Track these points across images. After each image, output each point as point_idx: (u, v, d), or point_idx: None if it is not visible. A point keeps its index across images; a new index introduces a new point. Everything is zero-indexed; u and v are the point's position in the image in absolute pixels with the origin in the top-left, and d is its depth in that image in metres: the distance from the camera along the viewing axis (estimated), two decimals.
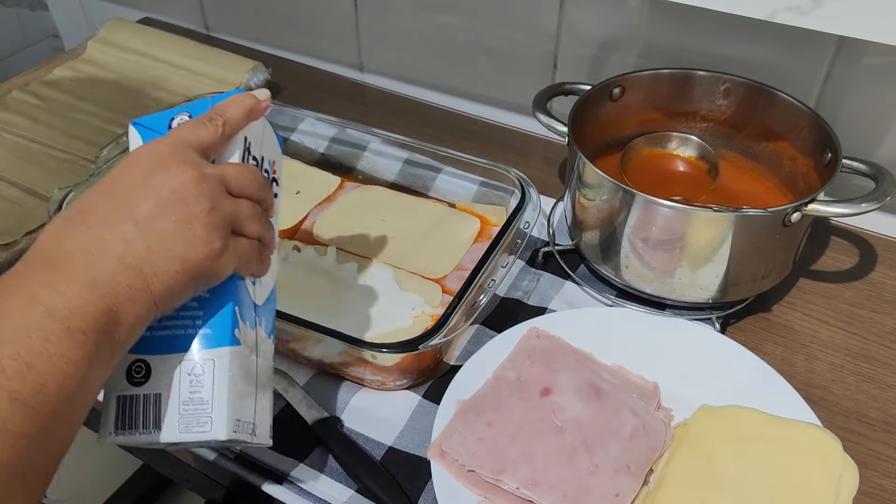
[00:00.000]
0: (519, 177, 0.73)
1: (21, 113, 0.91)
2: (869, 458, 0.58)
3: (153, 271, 0.38)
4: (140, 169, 0.40)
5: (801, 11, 0.56)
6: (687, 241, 0.61)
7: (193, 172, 0.40)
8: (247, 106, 0.46)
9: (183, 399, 0.42)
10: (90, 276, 0.36)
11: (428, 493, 0.55)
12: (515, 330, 0.64)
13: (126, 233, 0.38)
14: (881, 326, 0.68)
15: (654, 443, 0.55)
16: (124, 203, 0.39)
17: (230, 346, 0.43)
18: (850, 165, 0.63)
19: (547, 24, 0.85)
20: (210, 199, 0.40)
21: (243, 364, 0.44)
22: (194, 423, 0.41)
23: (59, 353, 0.33)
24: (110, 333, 0.36)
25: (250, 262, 0.45)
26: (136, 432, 0.42)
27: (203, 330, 0.43)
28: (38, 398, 0.32)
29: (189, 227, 0.39)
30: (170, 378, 0.42)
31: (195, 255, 0.39)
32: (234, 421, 0.43)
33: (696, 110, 0.75)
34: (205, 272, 0.40)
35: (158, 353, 0.42)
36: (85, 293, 0.35)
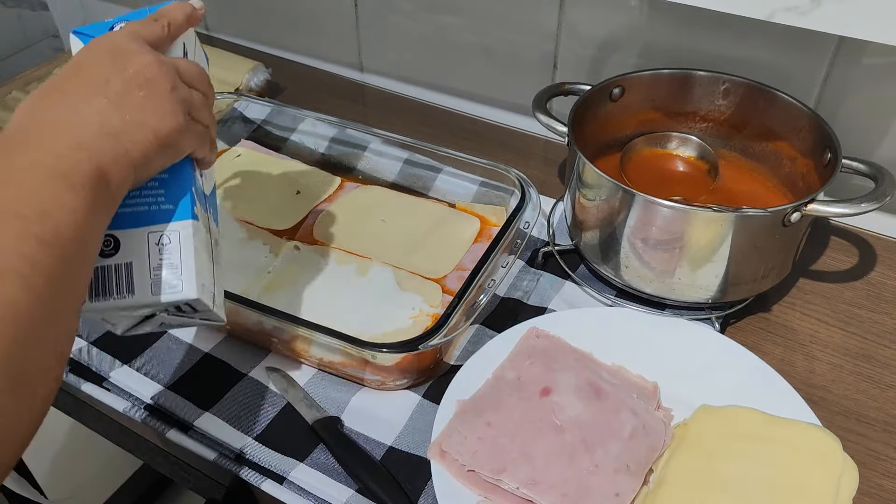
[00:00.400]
0: (519, 177, 0.73)
1: None
2: (869, 457, 0.58)
3: (130, 139, 0.42)
4: (102, 54, 0.44)
5: (800, 11, 0.56)
6: (687, 241, 0.61)
7: (152, 56, 0.44)
8: (186, 10, 0.50)
9: (153, 265, 0.45)
10: (76, 140, 0.40)
11: (428, 492, 0.55)
12: (515, 330, 0.64)
13: (100, 106, 0.41)
14: (881, 326, 0.68)
15: (653, 443, 0.55)
16: (93, 81, 0.42)
17: (192, 220, 0.47)
18: (849, 165, 0.64)
19: (547, 25, 0.85)
20: (171, 80, 0.44)
21: (203, 238, 0.48)
22: (165, 286, 0.45)
23: (66, 203, 0.37)
24: (103, 190, 0.40)
25: (204, 143, 0.49)
26: (111, 297, 0.45)
27: (166, 206, 0.47)
28: (57, 240, 0.36)
29: (156, 101, 0.43)
30: (139, 248, 0.46)
31: (164, 126, 0.43)
32: (201, 284, 0.46)
33: (695, 110, 0.75)
34: (172, 143, 0.44)
35: (125, 228, 0.46)
36: (75, 153, 0.39)
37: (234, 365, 0.64)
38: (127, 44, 0.44)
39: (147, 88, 0.43)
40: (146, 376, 0.63)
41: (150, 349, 0.65)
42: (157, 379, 0.63)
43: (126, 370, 0.63)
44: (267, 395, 0.62)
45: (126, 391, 0.62)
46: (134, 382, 0.62)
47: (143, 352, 0.65)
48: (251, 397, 0.61)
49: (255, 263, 0.72)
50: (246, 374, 0.63)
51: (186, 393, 0.61)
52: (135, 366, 0.64)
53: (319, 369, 0.64)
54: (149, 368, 0.63)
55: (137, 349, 0.65)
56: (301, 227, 0.76)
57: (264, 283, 0.69)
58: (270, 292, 0.68)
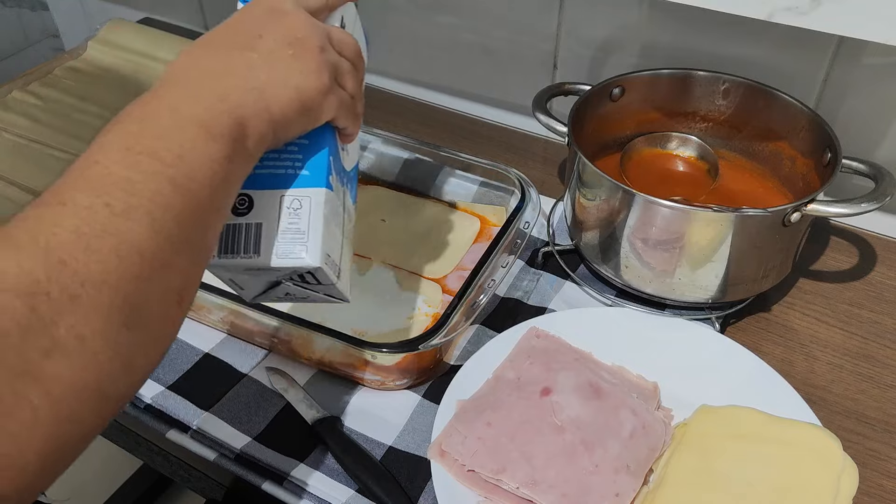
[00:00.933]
0: (519, 177, 0.73)
1: (21, 113, 0.91)
2: (869, 457, 0.58)
3: (273, 94, 0.41)
4: (258, 10, 0.44)
5: (800, 11, 0.56)
6: (687, 241, 0.61)
7: (306, 16, 0.44)
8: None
9: (282, 229, 0.45)
10: (220, 90, 0.40)
11: (428, 492, 0.55)
12: (515, 330, 0.64)
13: (249, 59, 0.41)
14: (881, 326, 0.68)
15: (653, 443, 0.55)
16: (246, 35, 0.43)
17: (325, 188, 0.46)
18: (849, 165, 0.64)
19: (547, 25, 0.85)
20: (321, 42, 0.44)
21: (334, 208, 0.47)
22: (291, 252, 0.45)
23: (204, 150, 0.37)
24: (242, 142, 0.40)
25: (349, 112, 0.47)
26: (238, 256, 0.45)
27: (302, 171, 0.46)
28: (191, 184, 0.36)
29: (304, 60, 0.43)
30: (270, 210, 0.45)
31: (308, 86, 0.43)
32: (326, 255, 0.45)
33: (695, 110, 0.75)
34: (314, 105, 0.44)
35: (261, 188, 0.45)
36: (218, 105, 0.39)
37: (234, 365, 0.64)
38: (283, 3, 0.45)
39: (296, 46, 0.43)
40: None
41: None
42: (157, 379, 0.62)
43: None
44: (267, 395, 0.62)
45: None
46: None
47: None
48: (251, 397, 0.61)
49: None
50: (246, 374, 0.63)
51: (186, 393, 0.61)
52: None
53: (319, 369, 0.64)
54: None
55: None
56: None
57: None
58: None
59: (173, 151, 0.36)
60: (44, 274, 0.31)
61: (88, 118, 0.91)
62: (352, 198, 0.52)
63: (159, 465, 0.66)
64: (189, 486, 0.66)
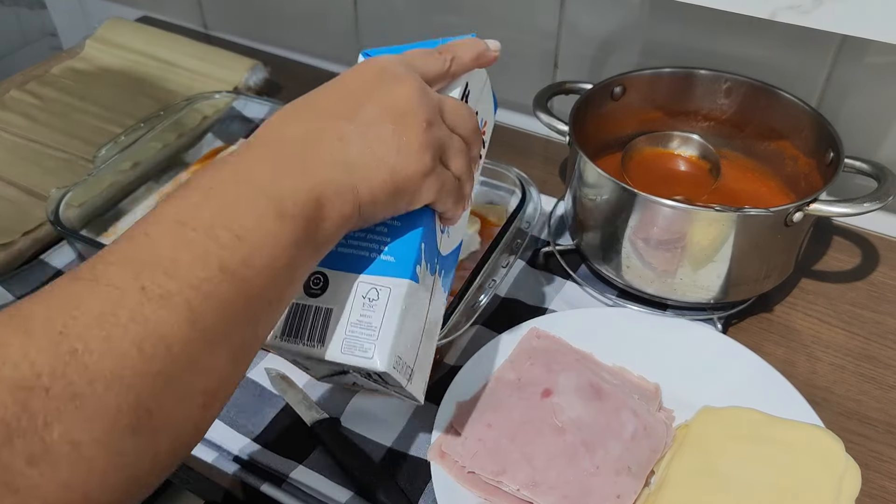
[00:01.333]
0: (519, 176, 0.72)
1: (19, 112, 0.91)
2: (871, 459, 0.57)
3: (363, 174, 0.38)
4: (369, 74, 0.41)
5: (802, 10, 0.56)
6: (688, 241, 0.60)
7: (417, 85, 0.40)
8: (477, 49, 0.46)
9: (352, 320, 0.41)
10: (303, 163, 0.36)
11: (428, 494, 0.54)
12: (516, 330, 0.64)
13: (344, 131, 0.38)
14: (883, 327, 0.67)
15: (655, 444, 0.55)
16: (348, 102, 0.39)
17: (409, 280, 0.42)
18: (852, 165, 0.63)
19: (547, 23, 0.84)
20: (429, 117, 0.40)
21: (417, 303, 0.43)
22: (357, 348, 0.41)
23: (269, 231, 0.33)
24: (316, 226, 0.36)
25: (450, 196, 0.43)
26: (301, 342, 0.42)
27: (386, 256, 0.42)
28: (246, 272, 0.32)
29: (405, 139, 0.39)
30: (344, 296, 0.42)
31: (405, 167, 0.39)
32: (396, 357, 0.41)
33: (697, 109, 0.75)
34: (409, 188, 0.40)
35: (339, 269, 0.42)
36: (297, 178, 0.35)
37: None
38: (396, 68, 0.41)
39: (399, 121, 0.39)
40: None
41: None
42: None
43: None
44: (266, 396, 0.61)
45: None
46: None
47: None
48: (250, 398, 0.61)
49: None
50: (245, 374, 0.63)
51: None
52: None
53: None
54: None
55: None
56: None
57: None
58: None
59: (232, 230, 0.32)
60: (48, 365, 0.27)
61: (87, 117, 0.90)
62: (444, 287, 0.48)
63: None
64: (188, 488, 0.65)
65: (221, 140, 0.87)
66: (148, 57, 1.00)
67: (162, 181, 0.82)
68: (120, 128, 0.86)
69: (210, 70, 0.97)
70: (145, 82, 0.97)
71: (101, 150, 0.79)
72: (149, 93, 0.95)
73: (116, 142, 0.79)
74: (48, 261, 0.74)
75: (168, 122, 0.82)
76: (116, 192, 0.78)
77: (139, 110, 0.89)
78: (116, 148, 0.78)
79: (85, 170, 0.80)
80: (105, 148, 0.79)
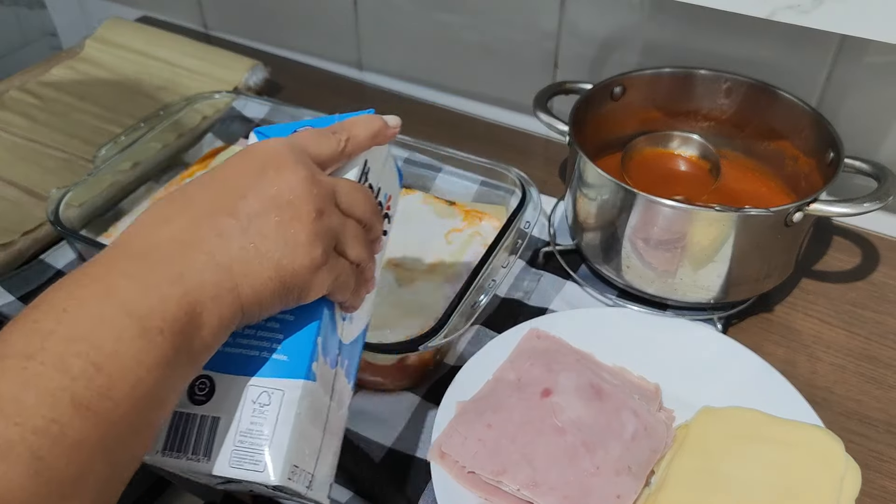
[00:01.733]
0: (519, 176, 0.72)
1: (19, 112, 0.91)
2: (871, 459, 0.57)
3: (244, 272, 0.34)
4: (252, 163, 0.37)
5: (802, 10, 0.56)
6: (688, 241, 0.60)
7: (305, 173, 0.37)
8: (374, 127, 0.43)
9: (241, 429, 0.37)
10: (175, 271, 0.32)
11: (428, 494, 0.54)
12: (516, 330, 0.64)
13: (223, 227, 0.35)
14: (884, 327, 0.67)
15: (655, 444, 0.55)
16: (228, 195, 0.36)
17: (304, 380, 0.38)
18: (852, 165, 0.63)
19: (547, 23, 0.84)
20: (319, 205, 0.37)
21: (315, 403, 0.40)
22: (247, 460, 0.37)
23: (131, 353, 0.30)
24: (190, 337, 0.32)
25: (346, 286, 0.40)
26: (185, 456, 0.37)
27: (279, 355, 0.39)
28: (104, 403, 0.28)
29: (292, 232, 0.36)
30: (233, 402, 0.38)
31: (292, 262, 0.36)
32: (292, 466, 0.38)
33: (697, 109, 0.75)
34: (298, 284, 0.36)
35: (226, 372, 0.38)
36: (166, 288, 0.32)
37: None
38: (285, 155, 0.37)
39: (285, 212, 0.35)
40: None
41: None
42: None
43: None
44: None
45: None
46: None
47: None
48: None
49: None
50: None
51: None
52: None
53: None
54: None
55: None
56: None
57: None
58: None
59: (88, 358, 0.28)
60: None
61: (87, 117, 0.90)
62: (350, 377, 0.45)
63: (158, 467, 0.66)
64: (187, 489, 0.65)
65: (221, 140, 0.87)
66: (148, 57, 1.00)
67: (162, 181, 0.82)
68: (120, 128, 0.86)
69: (210, 70, 0.97)
70: (145, 82, 0.97)
71: (101, 150, 0.79)
72: (149, 93, 0.95)
73: (116, 142, 0.79)
74: (48, 261, 0.74)
75: (168, 122, 0.82)
76: (116, 192, 0.78)
77: (139, 110, 0.89)
78: (116, 148, 0.78)
79: (85, 170, 0.80)
80: (105, 148, 0.79)
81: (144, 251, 0.33)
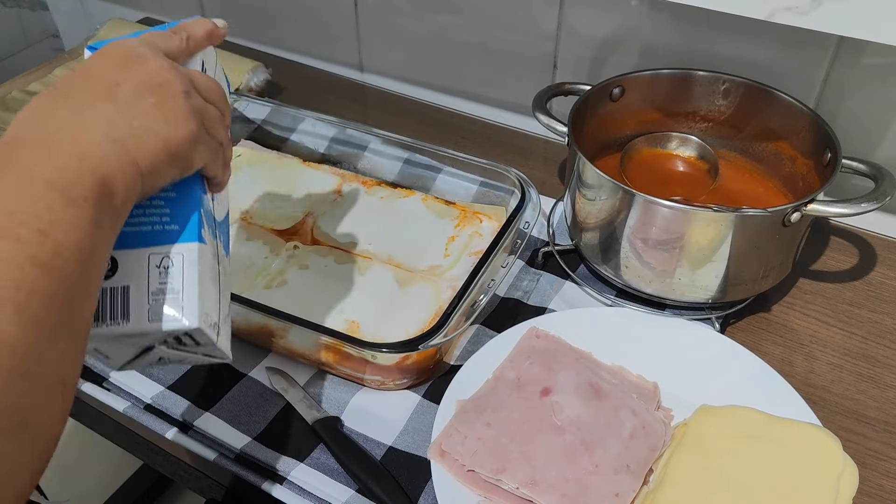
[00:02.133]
0: (519, 177, 0.73)
1: None
2: (868, 457, 0.58)
3: (137, 145, 0.38)
4: (115, 59, 0.41)
5: (800, 12, 0.56)
6: (687, 241, 0.61)
7: (166, 61, 0.42)
8: (208, 27, 0.48)
9: (152, 290, 0.42)
10: (79, 149, 0.36)
11: (428, 492, 0.55)
12: (515, 330, 0.64)
13: (107, 112, 0.38)
14: (881, 326, 0.68)
15: (653, 443, 0.55)
16: (101, 85, 0.40)
17: (198, 243, 0.43)
18: (849, 165, 0.64)
19: (547, 25, 0.85)
20: (185, 87, 0.42)
21: (209, 264, 0.44)
22: (165, 314, 0.41)
23: (66, 220, 0.34)
24: (108, 201, 0.36)
25: (218, 160, 0.45)
26: (105, 324, 0.41)
27: (171, 226, 0.43)
28: (57, 261, 0.33)
29: (169, 109, 0.40)
30: (138, 271, 0.42)
31: (176, 135, 0.40)
32: (204, 314, 0.42)
33: (695, 110, 0.75)
34: (183, 154, 0.41)
35: (125, 248, 0.42)
36: (77, 164, 0.36)
37: (234, 365, 0.64)
38: (141, 50, 0.42)
39: (158, 93, 0.40)
40: (146, 376, 0.63)
41: None
42: (157, 379, 0.62)
43: None
44: (267, 395, 0.62)
45: (126, 391, 0.62)
46: (134, 382, 0.62)
47: None
48: (251, 397, 0.61)
49: (255, 263, 0.72)
50: (246, 374, 0.63)
51: (186, 393, 0.61)
52: None
53: (319, 369, 0.64)
54: (148, 368, 0.63)
55: None
56: (301, 227, 0.76)
57: (264, 282, 0.69)
58: (270, 292, 0.68)
59: (31, 226, 0.32)
60: None
61: None
62: (225, 250, 0.49)
63: (159, 465, 0.66)
64: (189, 486, 0.66)
65: None
66: None
67: None
68: None
69: None
70: None
71: None
72: None
73: None
74: None
75: None
76: None
77: None
78: None
79: None
80: None
81: (40, 139, 0.36)
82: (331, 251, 0.73)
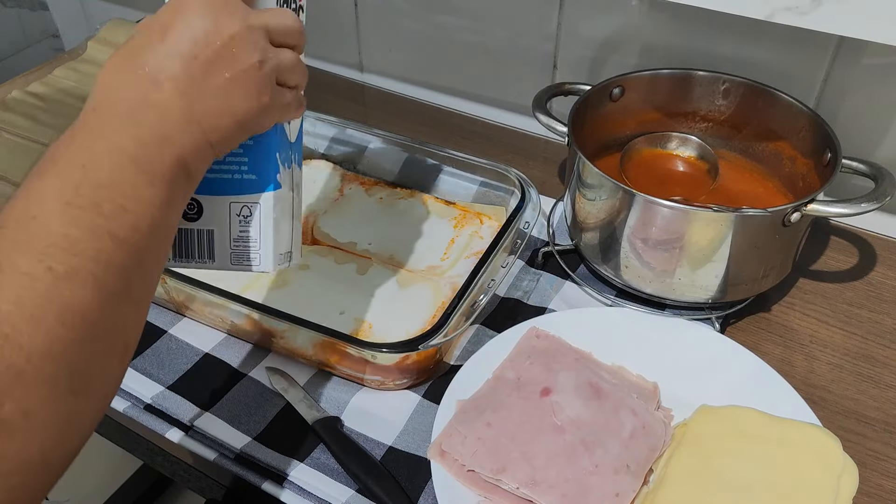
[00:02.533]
0: (519, 177, 0.73)
1: (21, 113, 0.91)
2: (868, 457, 0.58)
3: (210, 126, 0.40)
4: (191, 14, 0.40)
5: (800, 12, 0.56)
6: (687, 241, 0.61)
7: (242, 24, 0.41)
8: None
9: (233, 237, 0.47)
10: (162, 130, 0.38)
11: (428, 492, 0.55)
12: (515, 330, 0.64)
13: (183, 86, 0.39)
14: (881, 326, 0.68)
15: (653, 443, 0.55)
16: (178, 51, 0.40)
17: (273, 191, 0.47)
18: (849, 165, 0.64)
19: (547, 25, 0.85)
20: (259, 53, 0.42)
21: (283, 204, 0.49)
22: (244, 258, 0.48)
23: (146, 197, 0.37)
24: (182, 180, 0.40)
25: (290, 109, 0.47)
26: (193, 261, 0.47)
27: (248, 175, 0.47)
28: (133, 237, 0.36)
29: (241, 84, 0.41)
30: (220, 217, 0.47)
31: (247, 111, 0.42)
32: (278, 255, 0.48)
33: (695, 110, 0.75)
34: (253, 124, 0.43)
35: (209, 194, 0.46)
36: (158, 143, 0.38)
37: (234, 365, 0.64)
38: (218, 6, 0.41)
39: (233, 67, 0.41)
40: (146, 376, 0.63)
41: (150, 349, 0.65)
42: (157, 379, 0.63)
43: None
44: (267, 395, 0.62)
45: (126, 391, 0.62)
46: (134, 382, 0.62)
47: (143, 352, 0.65)
48: (251, 397, 0.61)
49: None
50: (246, 374, 0.63)
51: (186, 393, 0.61)
52: (135, 366, 0.64)
53: (319, 369, 0.64)
54: (149, 368, 0.63)
55: (137, 349, 0.64)
56: None
57: (264, 282, 0.69)
58: (270, 292, 0.68)
59: (115, 202, 0.35)
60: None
61: None
62: (298, 164, 0.52)
63: (159, 465, 0.66)
64: (189, 486, 0.66)
65: None
66: None
67: None
68: None
69: None
70: None
71: None
72: None
73: None
74: None
75: None
76: None
77: None
78: None
79: None
80: None
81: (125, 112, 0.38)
82: (331, 251, 0.73)
